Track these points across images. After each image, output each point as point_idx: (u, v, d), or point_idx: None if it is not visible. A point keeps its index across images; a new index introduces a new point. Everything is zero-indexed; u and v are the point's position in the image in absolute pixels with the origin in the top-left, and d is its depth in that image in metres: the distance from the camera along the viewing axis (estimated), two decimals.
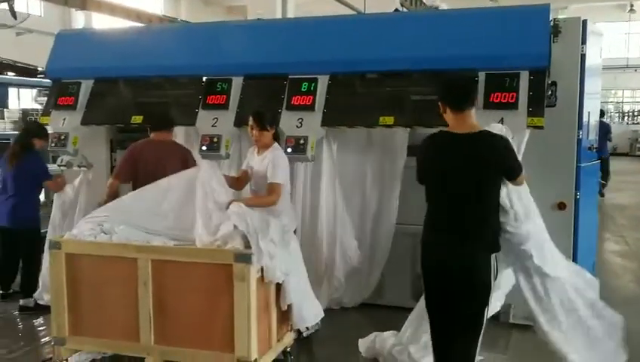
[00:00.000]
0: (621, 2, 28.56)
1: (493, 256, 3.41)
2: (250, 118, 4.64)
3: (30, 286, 5.67)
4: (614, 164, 14.12)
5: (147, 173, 4.93)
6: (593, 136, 5.57)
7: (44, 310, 5.37)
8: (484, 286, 3.37)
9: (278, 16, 12.71)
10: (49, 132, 5.87)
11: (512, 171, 3.45)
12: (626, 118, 31.02)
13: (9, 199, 5.71)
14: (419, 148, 3.67)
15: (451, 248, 3.40)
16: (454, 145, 3.42)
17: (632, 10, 28.32)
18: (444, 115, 3.49)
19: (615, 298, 6.24)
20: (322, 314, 4.41)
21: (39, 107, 10.04)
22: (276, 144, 4.71)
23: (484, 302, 3.39)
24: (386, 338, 4.48)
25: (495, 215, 3.47)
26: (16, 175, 5.68)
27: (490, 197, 3.42)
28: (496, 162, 3.39)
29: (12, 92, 10.69)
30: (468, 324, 3.43)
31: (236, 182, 4.77)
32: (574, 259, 5.08)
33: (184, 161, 4.94)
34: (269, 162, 4.52)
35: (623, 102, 32.48)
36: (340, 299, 5.51)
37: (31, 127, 6.19)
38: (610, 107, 30.44)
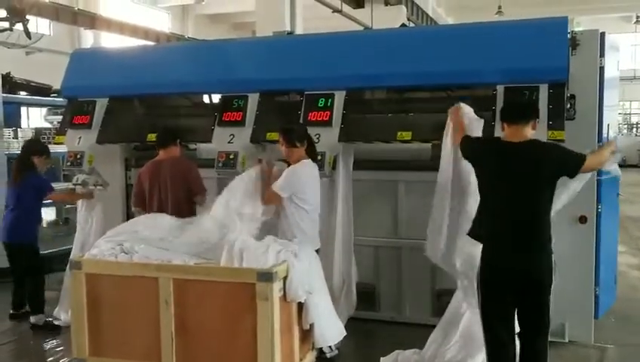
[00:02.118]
0: (627, 14, 28.65)
1: (552, 254, 3.65)
2: (279, 135, 4.61)
3: (38, 302, 5.65)
4: (624, 176, 13.99)
5: (150, 195, 5.01)
6: None
7: (54, 329, 5.38)
8: (549, 285, 3.62)
9: None
10: (67, 150, 5.88)
11: (569, 162, 3.66)
12: (634, 129, 30.95)
13: (9, 214, 5.75)
14: (479, 138, 4.06)
15: (519, 252, 3.61)
16: (510, 153, 3.67)
17: (638, 22, 28.39)
18: (503, 132, 3.78)
19: (632, 311, 6.18)
20: (344, 333, 4.35)
21: (50, 125, 10.06)
22: (306, 161, 4.61)
23: (549, 300, 3.64)
24: (409, 357, 4.42)
25: (549, 216, 3.67)
26: (20, 191, 5.72)
27: (547, 200, 3.65)
28: (551, 163, 3.61)
29: (22, 111, 10.75)
30: (537, 322, 3.64)
31: None
32: (596, 273, 5.05)
33: (184, 177, 5.02)
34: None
35: (630, 114, 32.42)
36: None
37: (29, 145, 6.16)
38: (619, 118, 30.38)
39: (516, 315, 3.72)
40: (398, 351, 4.51)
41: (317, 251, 4.59)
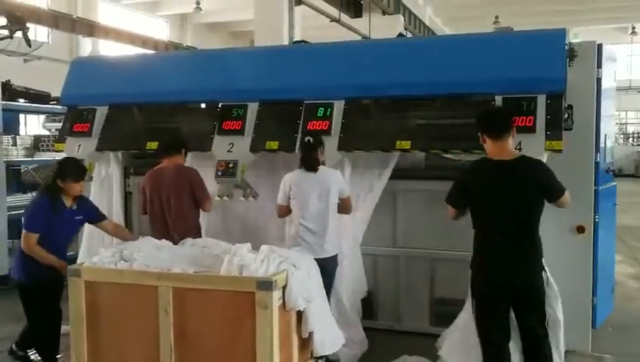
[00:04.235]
0: (623, 25, 28.82)
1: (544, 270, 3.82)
2: None
3: None
4: (620, 186, 14.04)
5: (151, 202, 5.02)
6: (610, 158, 5.56)
7: None
8: (544, 296, 3.79)
9: (285, 41, 12.78)
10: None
11: (553, 190, 3.77)
12: (630, 139, 31.10)
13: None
14: (460, 173, 3.99)
15: (514, 268, 3.71)
16: (500, 172, 3.73)
17: (634, 33, 28.56)
18: (484, 144, 3.85)
19: (630, 321, 6.19)
20: (343, 341, 4.35)
21: (49, 133, 10.08)
22: (296, 170, 4.80)
23: (544, 313, 3.81)
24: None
25: (538, 233, 3.78)
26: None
27: (538, 218, 3.75)
28: (541, 182, 3.72)
29: (21, 118, 10.76)
30: (535, 332, 3.77)
31: None
32: (594, 282, 5.06)
33: (189, 183, 5.06)
34: None
35: (627, 124, 32.58)
36: None
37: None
38: (615, 128, 30.53)
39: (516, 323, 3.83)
40: (404, 356, 4.62)
41: (331, 258, 4.68)
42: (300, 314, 4.00)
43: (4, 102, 7.78)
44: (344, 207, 4.86)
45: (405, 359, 4.58)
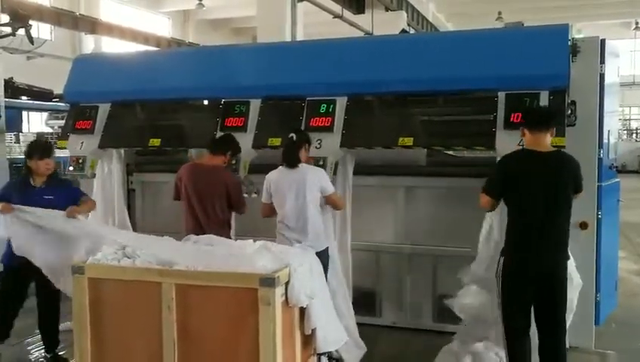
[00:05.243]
0: (626, 20, 28.74)
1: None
2: None
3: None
4: (623, 182, 13.94)
5: (187, 195, 4.97)
6: (613, 154, 5.55)
7: None
8: (567, 289, 3.94)
9: (287, 38, 12.78)
10: (69, 155, 5.87)
11: (579, 186, 3.98)
12: (634, 135, 31.00)
13: None
14: (500, 163, 4.10)
15: (547, 256, 3.88)
16: (540, 161, 3.90)
17: (637, 28, 28.48)
18: (524, 137, 4.03)
19: (633, 317, 6.18)
20: (346, 338, 4.35)
21: (51, 130, 10.11)
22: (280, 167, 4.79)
23: (565, 303, 3.95)
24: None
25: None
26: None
27: (570, 208, 3.95)
28: (574, 176, 3.93)
29: (23, 115, 10.78)
30: (558, 317, 3.93)
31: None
32: (597, 279, 5.06)
33: (227, 188, 4.95)
34: None
35: (630, 120, 32.49)
36: None
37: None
38: (619, 124, 30.46)
39: (535, 314, 3.97)
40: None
41: (323, 251, 4.64)
42: (302, 311, 4.00)
43: (6, 99, 7.80)
44: (330, 203, 4.82)
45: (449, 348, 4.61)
